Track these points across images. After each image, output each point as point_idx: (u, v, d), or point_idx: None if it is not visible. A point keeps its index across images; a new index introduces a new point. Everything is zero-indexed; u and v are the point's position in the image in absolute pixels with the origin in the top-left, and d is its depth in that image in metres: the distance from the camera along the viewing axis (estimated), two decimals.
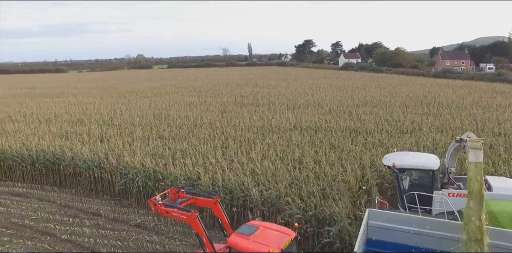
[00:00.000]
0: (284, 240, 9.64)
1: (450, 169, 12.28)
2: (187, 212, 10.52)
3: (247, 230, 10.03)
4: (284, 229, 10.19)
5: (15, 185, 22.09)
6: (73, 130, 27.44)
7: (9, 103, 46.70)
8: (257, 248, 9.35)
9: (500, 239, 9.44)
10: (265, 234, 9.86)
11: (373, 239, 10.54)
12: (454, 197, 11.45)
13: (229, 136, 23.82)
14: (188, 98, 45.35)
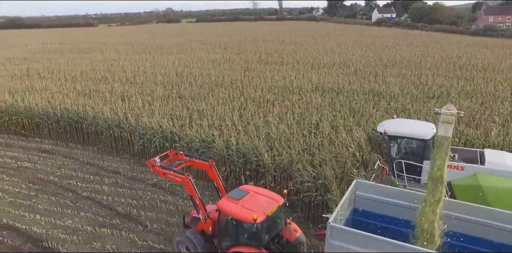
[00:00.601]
0: (271, 206, 9.78)
1: None
2: (181, 175, 10.85)
3: (237, 194, 10.24)
4: (274, 195, 10.31)
5: (43, 142, 23.04)
6: (97, 88, 27.81)
7: (39, 59, 47.57)
8: (243, 213, 9.56)
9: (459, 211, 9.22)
10: (254, 200, 10.03)
11: (360, 209, 10.50)
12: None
13: (248, 97, 23.51)
14: (212, 55, 44.75)
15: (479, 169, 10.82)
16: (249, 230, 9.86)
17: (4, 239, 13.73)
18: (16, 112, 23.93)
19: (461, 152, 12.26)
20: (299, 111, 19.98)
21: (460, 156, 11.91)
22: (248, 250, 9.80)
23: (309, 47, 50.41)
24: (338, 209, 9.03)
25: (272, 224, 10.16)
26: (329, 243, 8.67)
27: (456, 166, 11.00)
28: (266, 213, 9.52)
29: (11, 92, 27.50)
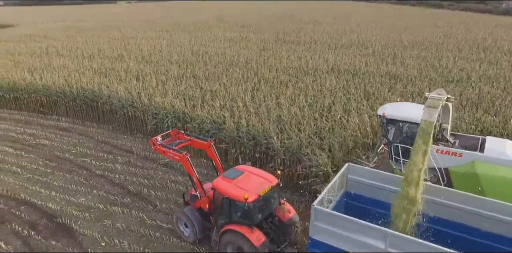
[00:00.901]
0: (264, 186, 9.99)
1: (444, 125, 11.67)
2: (179, 154, 11.18)
3: (233, 174, 10.52)
4: (268, 175, 10.47)
5: (60, 120, 23.54)
6: (112, 66, 27.93)
7: (58, 36, 47.89)
8: (235, 192, 9.83)
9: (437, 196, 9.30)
10: (248, 179, 10.26)
11: (352, 193, 10.56)
12: (442, 154, 11.02)
13: (262, 77, 23.25)
14: (229, 34, 44.14)
15: (478, 157, 10.66)
16: (241, 208, 10.08)
17: (22, 214, 14.29)
18: (34, 90, 24.40)
19: (462, 138, 12.08)
20: (313, 93, 19.69)
21: (461, 142, 11.76)
22: (240, 228, 10.06)
23: (328, 26, 49.13)
24: (325, 192, 9.12)
25: (265, 204, 10.41)
26: (313, 225, 8.87)
27: (454, 153, 10.87)
28: (258, 193, 9.73)
29: (30, 70, 27.96)
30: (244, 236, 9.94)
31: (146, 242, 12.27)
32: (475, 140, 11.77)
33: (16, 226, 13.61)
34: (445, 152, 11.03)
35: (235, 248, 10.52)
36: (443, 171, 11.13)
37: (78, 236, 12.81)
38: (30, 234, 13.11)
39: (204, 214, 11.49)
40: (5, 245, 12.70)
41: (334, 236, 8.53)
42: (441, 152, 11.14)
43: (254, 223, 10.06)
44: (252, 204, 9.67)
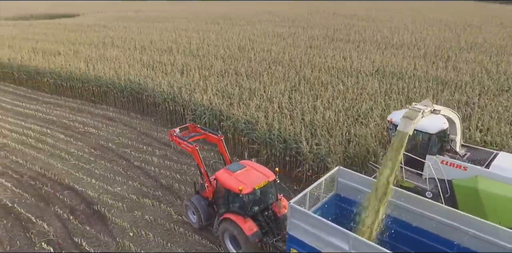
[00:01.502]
0: (260, 180, 10.66)
1: (451, 136, 11.37)
2: (190, 145, 12.26)
3: (234, 167, 11.30)
4: (267, 171, 11.11)
5: (108, 109, 24.91)
6: (160, 59, 28.94)
7: (116, 27, 50.31)
8: (233, 184, 10.60)
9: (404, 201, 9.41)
10: (247, 174, 11.00)
11: (342, 195, 10.76)
12: (447, 165, 10.90)
13: (303, 77, 23.05)
14: (278, 29, 43.98)
15: (482, 172, 10.40)
16: (238, 199, 10.82)
17: (65, 198, 15.47)
18: (88, 79, 25.98)
19: (475, 151, 11.69)
20: (352, 97, 19.27)
21: (472, 155, 11.42)
22: (235, 218, 10.82)
23: (380, 23, 47.38)
24: (307, 192, 9.44)
25: (262, 198, 11.10)
26: (290, 221, 9.34)
27: (459, 165, 10.70)
28: (253, 186, 10.43)
29: (86, 60, 29.72)
30: (237, 225, 10.70)
31: (170, 236, 12.85)
32: (487, 154, 11.37)
33: (58, 209, 14.77)
34: (450, 164, 10.87)
35: (230, 235, 11.31)
36: (447, 183, 10.95)
37: (110, 224, 13.68)
38: (69, 218, 14.18)
39: (209, 203, 12.35)
40: (47, 226, 13.85)
41: (307, 234, 8.97)
42: (446, 164, 10.95)
43: (248, 214, 10.73)
44: (246, 196, 10.41)
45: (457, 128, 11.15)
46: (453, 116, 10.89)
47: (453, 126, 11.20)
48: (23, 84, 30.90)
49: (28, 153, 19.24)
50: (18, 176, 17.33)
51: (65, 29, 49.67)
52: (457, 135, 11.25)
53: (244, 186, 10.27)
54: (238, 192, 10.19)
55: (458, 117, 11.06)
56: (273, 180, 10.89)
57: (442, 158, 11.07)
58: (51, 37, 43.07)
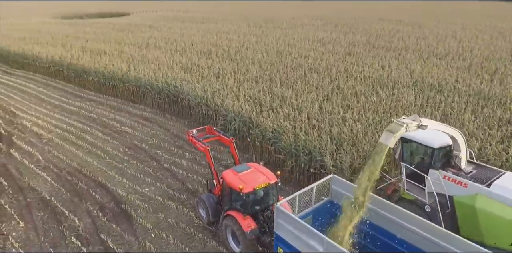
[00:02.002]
0: (261, 182, 11.35)
1: (455, 152, 11.29)
2: (203, 145, 13.27)
3: (240, 168, 12.11)
4: (269, 174, 11.74)
5: (145, 110, 25.91)
6: (199, 62, 29.66)
7: (161, 27, 52.03)
8: (235, 183, 11.36)
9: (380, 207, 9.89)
10: (251, 175, 11.72)
11: (335, 202, 11.15)
12: (449, 181, 11.00)
13: (337, 86, 22.80)
14: (319, 33, 43.65)
15: (481, 190, 10.36)
16: (239, 198, 11.50)
17: (96, 195, 16.34)
18: (128, 80, 27.13)
19: (483, 169, 11.45)
20: (384, 110, 18.86)
21: (478, 173, 11.21)
22: (236, 215, 11.59)
23: (427, 30, 45.68)
24: (296, 195, 10.12)
25: (263, 198, 11.80)
26: (277, 222, 10.07)
27: (460, 182, 10.76)
28: (254, 187, 11.15)
29: (129, 61, 31.03)
30: (237, 221, 11.48)
31: (189, 240, 13.25)
32: (494, 173, 11.11)
33: (89, 205, 15.64)
34: (452, 180, 10.95)
35: (231, 231, 12.07)
36: (448, 199, 11.03)
37: (135, 224, 14.31)
38: (98, 215, 14.98)
39: (217, 200, 13.27)
40: (78, 221, 14.71)
41: (290, 234, 9.62)
42: (447, 179, 11.03)
43: (247, 212, 11.48)
44: (246, 195, 11.13)
45: (460, 144, 10.99)
46: (454, 133, 10.77)
47: (456, 142, 11.08)
48: (71, 82, 32.76)
49: (68, 149, 20.44)
50: (58, 170, 18.49)
51: (114, 28, 52.01)
52: (461, 151, 11.09)
53: (244, 186, 11.05)
54: (239, 191, 11.00)
55: (461, 134, 10.93)
56: (275, 182, 11.54)
57: (444, 173, 11.11)
58: (100, 36, 45.30)
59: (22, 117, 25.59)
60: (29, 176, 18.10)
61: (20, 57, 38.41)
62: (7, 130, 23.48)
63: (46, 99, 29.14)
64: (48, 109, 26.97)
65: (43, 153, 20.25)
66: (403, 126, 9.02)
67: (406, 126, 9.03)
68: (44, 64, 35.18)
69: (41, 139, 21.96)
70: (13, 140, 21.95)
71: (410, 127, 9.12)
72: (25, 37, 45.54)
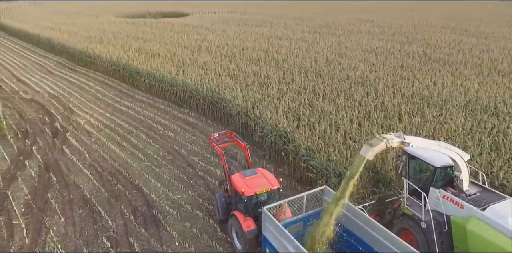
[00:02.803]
0: (263, 187, 12.22)
1: (456, 173, 11.24)
2: (219, 149, 14.64)
3: (248, 173, 12.99)
4: (273, 180, 12.53)
5: (189, 114, 26.68)
6: (246, 69, 29.96)
7: (216, 29, 53.13)
8: (239, 186, 12.38)
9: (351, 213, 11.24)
10: (256, 179, 12.57)
11: None
12: (447, 200, 11.18)
13: (381, 103, 22.02)
14: (374, 42, 42.23)
15: (475, 213, 10.47)
16: (241, 200, 12.42)
17: (132, 197, 17.17)
18: (176, 83, 28.09)
19: (486, 193, 11.39)
20: (427, 132, 17.95)
21: (480, 196, 11.20)
22: (239, 215, 12.63)
23: (495, 41, 42.58)
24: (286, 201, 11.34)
25: (265, 202, 12.44)
26: (264, 224, 11.28)
27: (457, 203, 10.92)
28: (255, 191, 12.07)
29: (179, 64, 32.09)
30: (238, 221, 12.51)
31: None
32: (496, 197, 11.05)
33: (124, 207, 16.47)
34: (450, 200, 11.12)
35: (235, 230, 13.10)
36: (445, 218, 11.22)
37: (162, 230, 14.87)
38: (130, 218, 15.75)
39: (229, 200, 14.16)
40: (111, 222, 15.57)
41: (273, 236, 10.78)
42: (446, 199, 11.20)
43: (248, 214, 12.45)
44: (248, 198, 12.11)
45: (460, 166, 10.91)
46: (451, 154, 10.72)
47: (456, 163, 11.00)
48: (125, 81, 34.53)
49: (113, 150, 21.62)
50: (101, 170, 19.64)
51: (171, 29, 53.97)
52: (462, 172, 10.98)
53: (246, 190, 12.04)
54: (241, 194, 12.00)
55: (460, 156, 10.81)
56: (277, 188, 12.35)
57: (444, 192, 11.28)
58: (158, 37, 47.26)
59: (78, 114, 27.44)
60: (75, 173, 19.41)
61: (84, 56, 41.09)
62: (63, 126, 25.29)
63: (101, 98, 30.97)
64: (102, 108, 28.65)
65: (91, 151, 21.58)
66: (383, 140, 9.46)
67: (386, 141, 9.45)
68: (103, 63, 37.38)
69: (91, 137, 23.42)
70: (66, 137, 23.61)
71: (391, 143, 9.53)
72: (91, 36, 48.66)
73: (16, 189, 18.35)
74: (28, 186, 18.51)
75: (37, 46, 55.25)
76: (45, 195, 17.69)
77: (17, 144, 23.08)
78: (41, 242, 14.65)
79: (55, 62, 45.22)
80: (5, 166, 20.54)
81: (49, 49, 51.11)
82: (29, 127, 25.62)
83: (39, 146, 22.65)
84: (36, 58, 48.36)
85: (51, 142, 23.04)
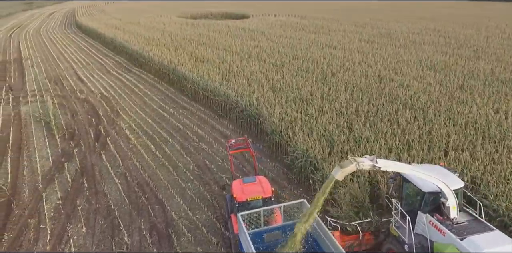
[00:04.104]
0: (255, 194, 13.31)
1: (442, 200, 11.29)
2: (229, 154, 16.43)
3: (248, 180, 14.07)
4: (266, 189, 13.53)
5: (227, 126, 26.43)
6: (291, 81, 28.90)
7: (272, 35, 52.47)
8: (235, 191, 13.63)
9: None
10: (252, 187, 13.60)
11: None
12: (432, 226, 11.40)
13: (428, 132, 19.98)
14: (435, 56, 38.81)
15: (454, 241, 10.56)
16: (235, 204, 13.54)
17: (153, 213, 17.22)
18: (218, 93, 27.96)
19: (475, 223, 11.39)
20: (474, 173, 16.00)
21: (466, 225, 11.22)
22: (233, 217, 13.83)
23: None
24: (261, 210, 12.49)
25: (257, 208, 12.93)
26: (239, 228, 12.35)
27: (440, 229, 11.08)
28: (247, 197, 13.24)
29: (225, 73, 31.93)
30: (232, 223, 13.82)
31: None
32: (482, 228, 11.03)
33: (142, 222, 16.58)
34: (434, 226, 11.27)
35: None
36: (429, 243, 11.37)
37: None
38: (145, 235, 15.76)
39: None
40: (127, 237, 15.73)
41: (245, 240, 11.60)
42: (431, 224, 11.38)
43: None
44: (239, 203, 13.27)
45: (446, 193, 10.97)
46: (434, 181, 10.85)
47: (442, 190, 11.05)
48: (173, 86, 35.21)
49: (145, 159, 21.95)
50: (130, 180, 20.02)
51: (227, 33, 54.31)
52: (449, 200, 11.02)
53: (239, 195, 13.27)
54: (234, 199, 13.32)
55: (444, 184, 10.85)
56: (267, 197, 13.32)
57: (430, 218, 11.48)
58: (212, 41, 47.75)
59: (122, 117, 28.35)
60: (106, 181, 19.96)
61: (140, 57, 42.61)
62: (106, 130, 26.24)
63: (148, 102, 31.79)
64: (146, 112, 29.37)
65: (125, 159, 22.09)
66: (354, 163, 9.86)
67: (357, 164, 9.85)
68: (155, 66, 38.42)
69: (129, 143, 24.01)
70: (107, 141, 24.43)
71: (361, 166, 9.92)
72: (149, 37, 50.38)
73: (51, 192, 19.24)
74: (62, 190, 19.32)
75: (103, 44, 58.44)
76: (74, 201, 18.34)
77: (62, 145, 24.29)
78: (60, 251, 15.09)
79: (115, 62, 47.41)
80: (47, 167, 21.66)
81: (111, 48, 53.80)
82: (77, 128, 26.91)
83: (80, 149, 23.63)
84: (99, 56, 51.12)
85: (92, 146, 23.95)
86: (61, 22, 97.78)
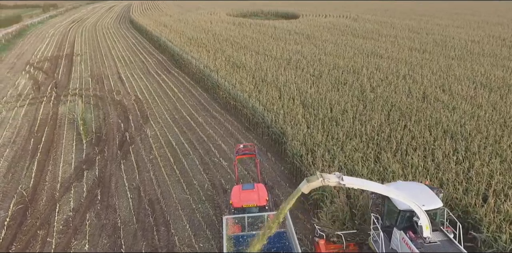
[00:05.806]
0: (251, 202, 14.11)
1: (414, 218, 11.74)
2: (235, 160, 17.25)
3: (247, 186, 14.92)
4: (262, 198, 14.31)
5: (253, 141, 25.34)
6: (324, 96, 27.17)
7: (316, 38, 50.49)
8: (232, 196, 14.51)
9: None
10: (250, 194, 14.33)
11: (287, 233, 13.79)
12: (404, 243, 11.62)
13: (465, 171, 17.53)
14: (495, 71, 34.68)
15: None
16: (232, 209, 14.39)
17: (156, 236, 16.88)
18: (247, 105, 26.99)
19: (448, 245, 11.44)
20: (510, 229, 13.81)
21: (437, 246, 11.30)
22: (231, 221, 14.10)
23: None
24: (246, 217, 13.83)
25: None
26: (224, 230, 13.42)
27: (410, 247, 11.20)
28: (241, 204, 14.09)
29: (258, 82, 30.76)
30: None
31: None
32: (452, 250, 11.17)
33: (144, 246, 16.16)
34: (406, 243, 11.49)
35: None
36: None
37: None
38: None
39: None
40: None
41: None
42: (403, 241, 11.60)
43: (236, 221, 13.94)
44: (235, 209, 14.15)
45: (417, 213, 11.19)
46: (405, 201, 11.06)
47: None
48: (207, 91, 34.76)
49: (162, 173, 21.57)
50: (143, 195, 19.71)
51: (272, 35, 53.08)
52: (421, 219, 11.20)
53: (235, 202, 14.09)
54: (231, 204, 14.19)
55: (416, 204, 11.02)
56: (262, 205, 14.03)
57: (403, 235, 11.70)
58: (254, 43, 46.83)
59: (150, 124, 28.29)
60: (119, 194, 19.80)
61: (180, 58, 42.63)
62: (132, 137, 26.25)
63: (179, 108, 31.58)
64: (174, 119, 29.12)
65: (143, 171, 21.86)
66: (320, 179, 10.07)
67: (322, 180, 10.07)
68: (193, 69, 38.19)
69: (150, 154, 23.80)
70: (129, 150, 24.37)
71: (327, 182, 10.13)
72: (192, 38, 50.37)
73: (65, 202, 19.39)
74: (76, 200, 19.41)
75: (150, 42, 59.54)
76: (84, 214, 18.30)
77: (88, 150, 24.57)
78: None
79: (157, 61, 47.97)
80: (68, 174, 21.93)
81: (157, 46, 54.63)
82: (105, 132, 27.16)
83: (103, 156, 23.76)
84: (143, 54, 52.02)
85: (115, 153, 24.00)
86: (117, 16, 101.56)
